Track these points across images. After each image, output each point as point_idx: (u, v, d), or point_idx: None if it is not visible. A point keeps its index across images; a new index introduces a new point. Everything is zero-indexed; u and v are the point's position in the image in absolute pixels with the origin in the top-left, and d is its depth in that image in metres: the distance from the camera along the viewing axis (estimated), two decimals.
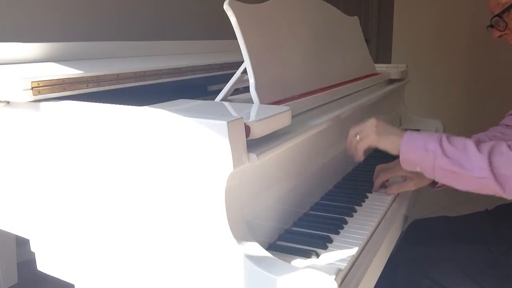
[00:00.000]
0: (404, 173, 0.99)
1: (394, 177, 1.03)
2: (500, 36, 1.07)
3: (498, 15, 1.03)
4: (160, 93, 1.06)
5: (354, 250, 0.74)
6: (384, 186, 1.03)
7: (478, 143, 0.80)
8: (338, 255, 0.72)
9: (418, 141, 0.84)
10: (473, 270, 0.92)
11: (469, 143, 0.80)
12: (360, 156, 0.93)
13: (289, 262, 0.65)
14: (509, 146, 0.78)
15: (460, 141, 0.82)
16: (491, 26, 1.06)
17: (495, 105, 2.77)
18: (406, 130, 0.90)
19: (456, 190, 0.86)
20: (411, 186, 0.99)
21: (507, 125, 1.15)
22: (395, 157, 0.90)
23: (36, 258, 0.91)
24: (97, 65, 1.08)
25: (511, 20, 1.02)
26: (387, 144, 0.88)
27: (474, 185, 0.80)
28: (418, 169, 0.85)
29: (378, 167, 1.04)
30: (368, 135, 0.90)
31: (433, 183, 1.01)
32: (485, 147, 0.79)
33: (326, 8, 1.28)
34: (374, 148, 0.91)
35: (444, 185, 0.98)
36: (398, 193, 1.02)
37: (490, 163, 0.77)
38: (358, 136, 0.91)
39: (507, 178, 0.76)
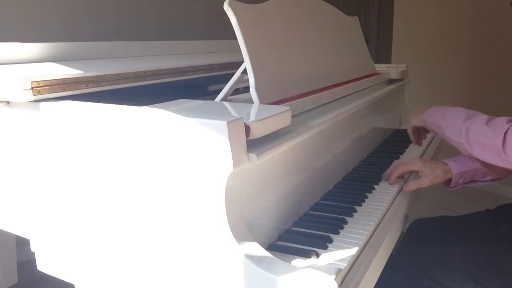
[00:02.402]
0: (420, 168, 1.01)
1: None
2: None
3: None
4: (160, 93, 1.06)
5: (354, 250, 0.74)
6: (399, 178, 1.07)
7: (469, 116, 0.95)
8: (338, 255, 0.72)
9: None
10: (474, 269, 0.92)
11: (460, 112, 0.98)
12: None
13: (289, 262, 0.65)
14: (487, 120, 0.91)
15: (458, 112, 0.99)
16: None
17: (495, 105, 2.77)
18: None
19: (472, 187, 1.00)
20: (426, 182, 1.01)
21: None
22: (394, 158, 0.90)
23: (36, 258, 0.91)
24: (97, 65, 1.08)
25: None
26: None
27: (454, 143, 0.98)
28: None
29: (396, 162, 1.09)
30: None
31: (448, 183, 1.02)
32: (470, 120, 0.94)
33: (326, 8, 1.28)
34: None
35: (458, 185, 1.00)
36: (398, 193, 1.02)
37: (467, 131, 0.93)
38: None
39: (475, 144, 0.92)
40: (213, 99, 0.87)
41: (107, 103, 0.76)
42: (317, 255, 0.72)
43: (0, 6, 1.49)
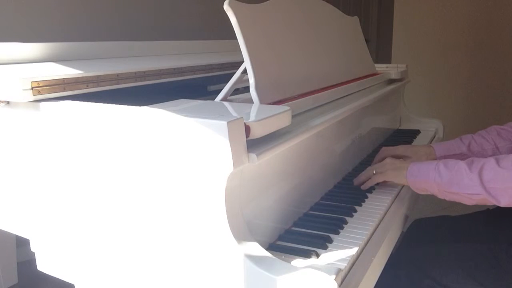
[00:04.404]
0: (401, 152, 1.08)
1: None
2: None
3: None
4: (160, 93, 1.06)
5: (354, 250, 0.74)
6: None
7: (470, 163, 0.86)
8: (338, 255, 0.72)
9: (421, 172, 0.92)
10: (474, 269, 0.92)
11: (461, 165, 0.87)
12: (368, 186, 1.02)
13: (289, 262, 0.65)
14: (497, 161, 0.83)
15: (454, 163, 0.88)
16: None
17: (495, 104, 2.77)
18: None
19: None
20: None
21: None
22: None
23: (36, 258, 0.91)
24: (97, 65, 1.08)
25: None
26: (399, 179, 0.97)
27: (475, 201, 0.86)
28: (429, 193, 0.92)
29: (387, 158, 1.05)
30: (386, 171, 0.98)
31: None
32: (476, 166, 0.85)
33: (326, 8, 1.28)
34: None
35: None
36: (399, 193, 1.02)
37: (481, 180, 0.83)
38: (374, 170, 1.00)
39: (498, 191, 0.81)
40: (213, 99, 0.87)
41: (107, 103, 0.77)
42: (317, 255, 0.72)
43: (0, 6, 1.49)
